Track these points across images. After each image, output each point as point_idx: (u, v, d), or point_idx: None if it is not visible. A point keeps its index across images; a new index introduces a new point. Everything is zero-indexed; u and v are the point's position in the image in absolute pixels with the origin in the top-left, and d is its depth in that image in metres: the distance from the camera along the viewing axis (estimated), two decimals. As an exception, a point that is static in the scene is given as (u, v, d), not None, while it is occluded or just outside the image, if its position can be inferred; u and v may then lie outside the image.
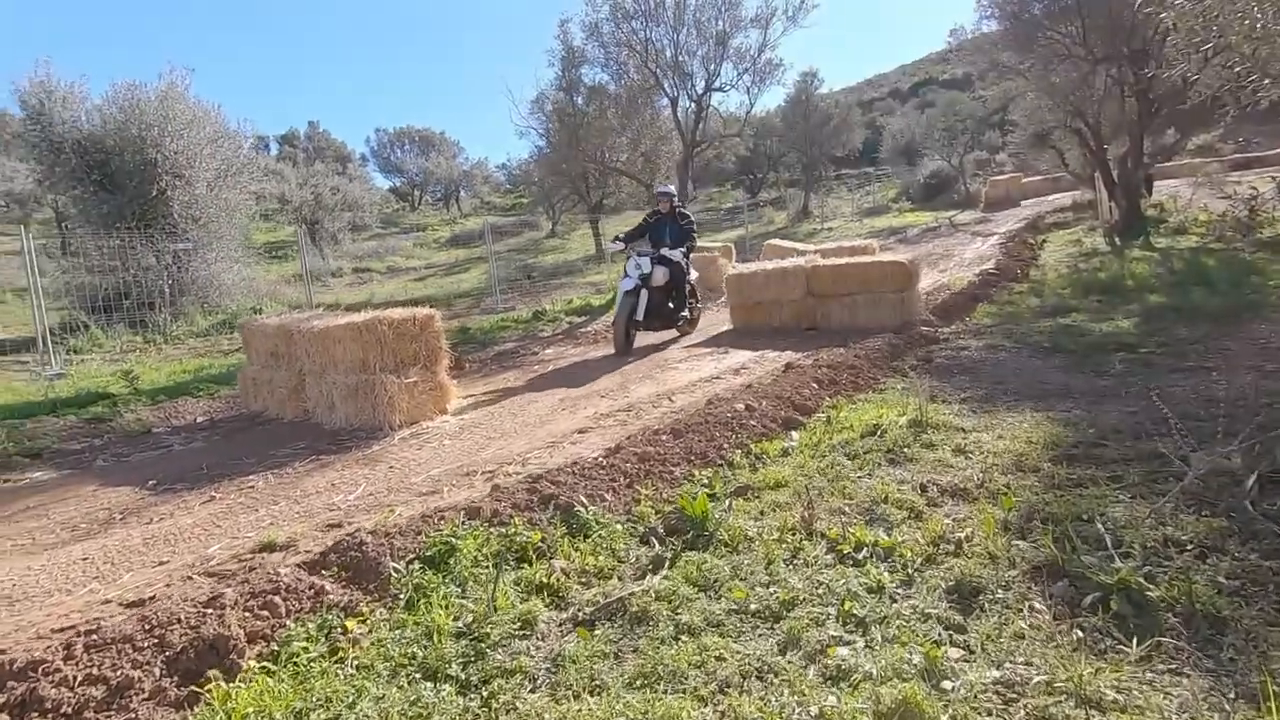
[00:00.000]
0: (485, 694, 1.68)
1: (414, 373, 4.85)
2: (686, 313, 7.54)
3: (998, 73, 15.36)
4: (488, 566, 2.21)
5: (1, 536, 3.18)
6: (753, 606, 1.97)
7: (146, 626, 1.79)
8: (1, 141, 25.59)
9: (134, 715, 1.57)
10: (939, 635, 1.78)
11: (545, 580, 2.14)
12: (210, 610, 1.84)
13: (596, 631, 1.92)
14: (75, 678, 1.65)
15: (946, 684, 1.59)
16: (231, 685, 1.70)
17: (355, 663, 1.79)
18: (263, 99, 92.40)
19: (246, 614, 1.84)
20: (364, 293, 18.95)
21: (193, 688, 1.68)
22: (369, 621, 1.93)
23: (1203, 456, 2.51)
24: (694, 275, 7.89)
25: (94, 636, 1.80)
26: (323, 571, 2.13)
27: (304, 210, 25.38)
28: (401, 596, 2.05)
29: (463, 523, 2.47)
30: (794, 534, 2.42)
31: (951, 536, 2.26)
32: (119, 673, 1.67)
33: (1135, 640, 1.67)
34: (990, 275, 9.93)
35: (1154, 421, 3.10)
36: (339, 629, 1.89)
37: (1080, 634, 1.74)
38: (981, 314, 7.38)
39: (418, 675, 1.74)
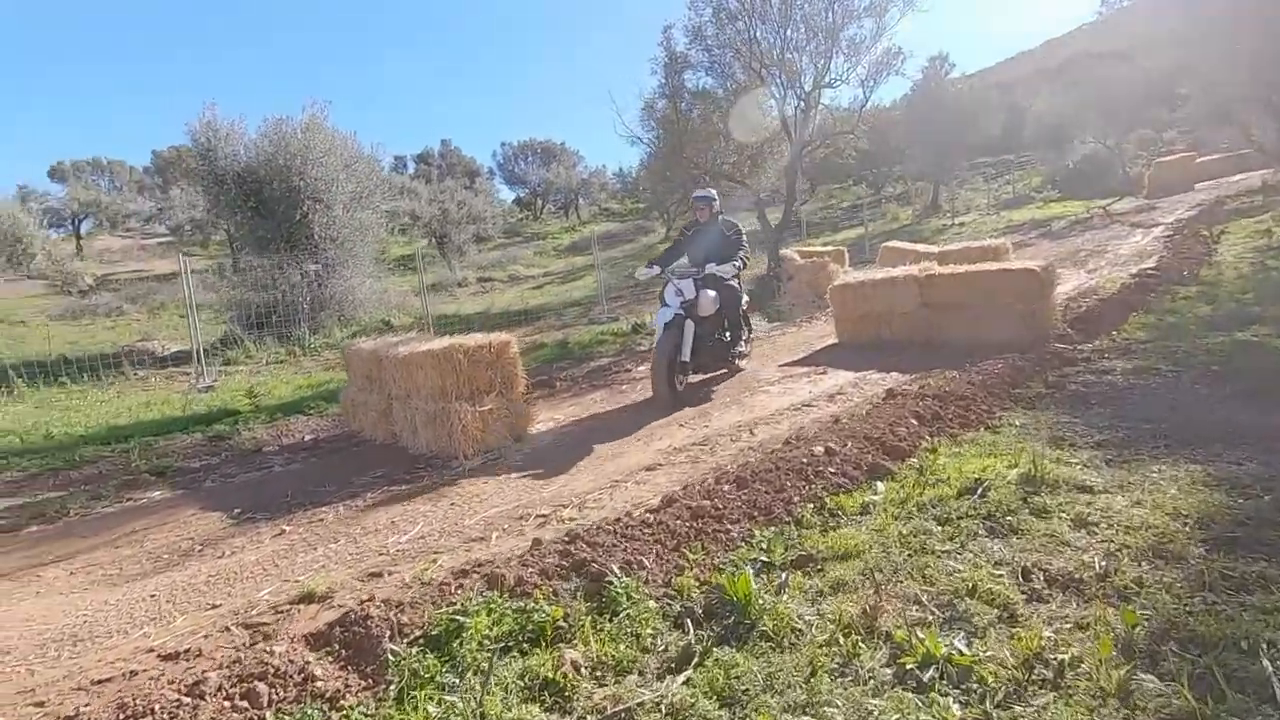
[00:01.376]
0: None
1: (489, 400, 4.81)
2: (744, 346, 6.37)
3: (1167, 41, 13.41)
4: (494, 651, 2.01)
5: (99, 564, 3.41)
6: (781, 735, 1.63)
7: (121, 717, 1.74)
8: (186, 174, 29.20)
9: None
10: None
11: (551, 676, 1.91)
12: (188, 699, 1.77)
13: (595, 749, 1.66)
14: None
15: None
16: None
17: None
18: (404, 121, 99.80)
19: (226, 704, 1.75)
20: (484, 301, 19.80)
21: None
22: (351, 718, 1.79)
23: None
24: (745, 298, 6.58)
25: None
26: (325, 648, 2.03)
27: (433, 225, 26.98)
28: (394, 685, 1.89)
29: (481, 592, 2.29)
30: (852, 632, 2.03)
31: (1051, 657, 1.79)
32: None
33: None
34: (1149, 276, 8.60)
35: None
36: (319, 724, 1.76)
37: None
38: (1134, 326, 6.34)
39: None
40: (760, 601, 2.21)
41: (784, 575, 2.44)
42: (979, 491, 2.91)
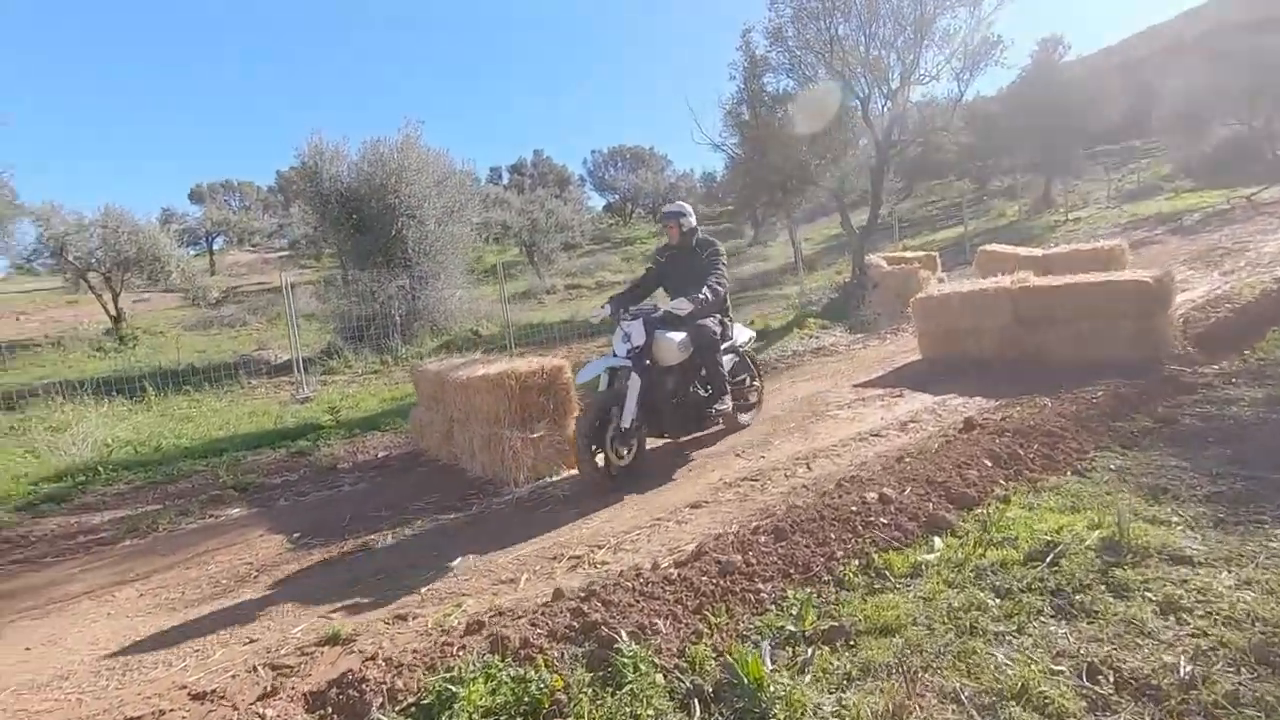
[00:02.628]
0: None
1: (541, 426, 4.78)
2: (726, 401, 4.81)
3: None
4: (483, 727, 1.93)
5: (166, 586, 3.63)
6: None
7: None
8: (299, 193, 31.52)
9: None
10: None
11: (536, 760, 1.80)
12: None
13: None
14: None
15: None
16: None
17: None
18: (500, 133, 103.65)
19: (208, 772, 1.76)
20: (569, 309, 20.12)
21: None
22: (326, 796, 1.75)
23: None
24: (744, 336, 5.47)
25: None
26: (319, 710, 2.02)
27: (522, 234, 27.74)
28: (377, 760, 1.84)
29: (482, 654, 2.22)
30: (871, 734, 1.80)
31: (1105, 796, 1.49)
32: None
33: None
34: (1298, 283, 7.51)
35: None
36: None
37: None
38: (1273, 344, 5.52)
39: None
40: (774, 686, 2.00)
41: (810, 651, 2.22)
42: (1050, 558, 2.56)
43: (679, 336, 4.59)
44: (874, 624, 2.33)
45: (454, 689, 2.03)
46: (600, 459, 4.30)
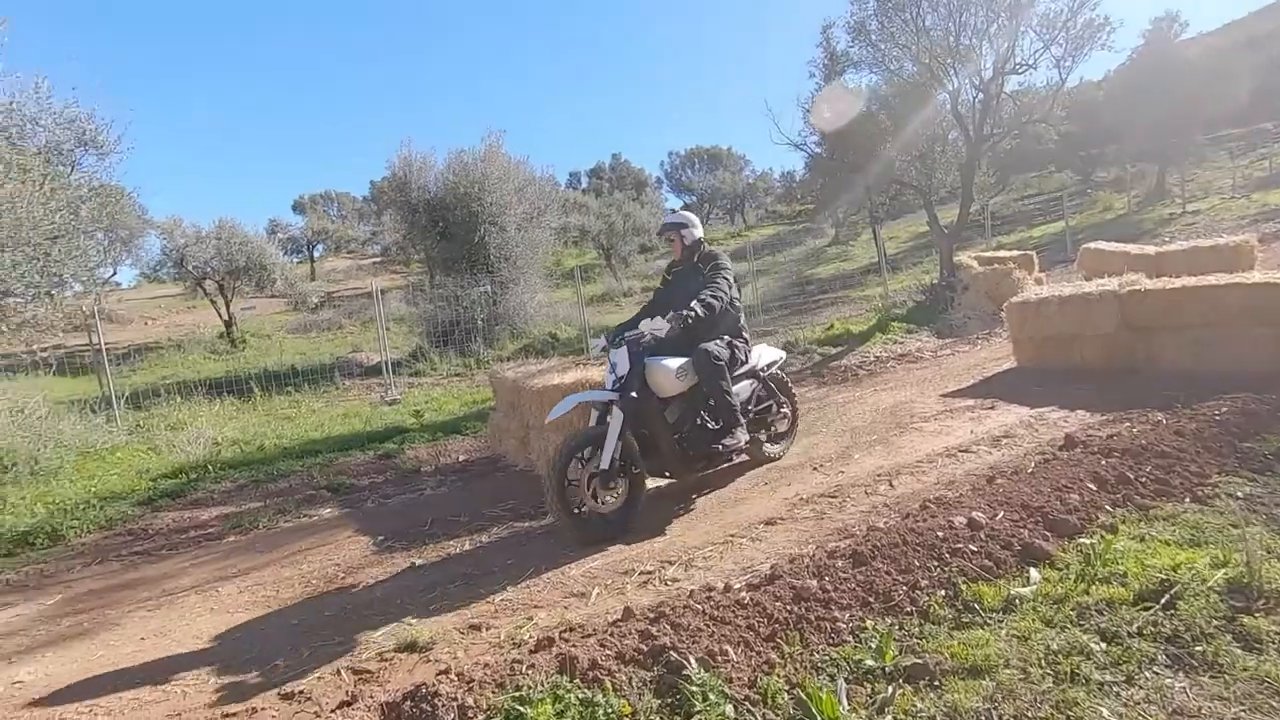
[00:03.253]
0: None
1: (615, 436, 4.78)
2: (739, 434, 4.21)
3: None
4: (550, 750, 1.92)
5: (264, 584, 3.85)
6: None
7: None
8: (390, 203, 33.07)
9: None
10: None
11: (601, 790, 1.78)
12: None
13: None
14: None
15: None
16: None
17: None
18: (581, 138, 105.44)
19: (289, 779, 1.83)
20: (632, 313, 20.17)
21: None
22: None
23: None
24: (768, 357, 4.87)
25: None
26: (393, 722, 2.07)
27: (600, 238, 28.10)
28: (446, 778, 1.87)
29: (550, 674, 2.22)
30: (957, 789, 1.67)
31: None
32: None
33: None
34: None
35: None
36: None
37: None
38: None
39: None
40: (850, 728, 1.90)
41: (890, 690, 2.10)
42: (1165, 599, 2.32)
43: (676, 363, 4.10)
44: (961, 663, 2.18)
45: (522, 709, 2.04)
46: (562, 508, 3.71)
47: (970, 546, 2.85)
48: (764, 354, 4.85)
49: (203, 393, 10.40)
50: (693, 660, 2.23)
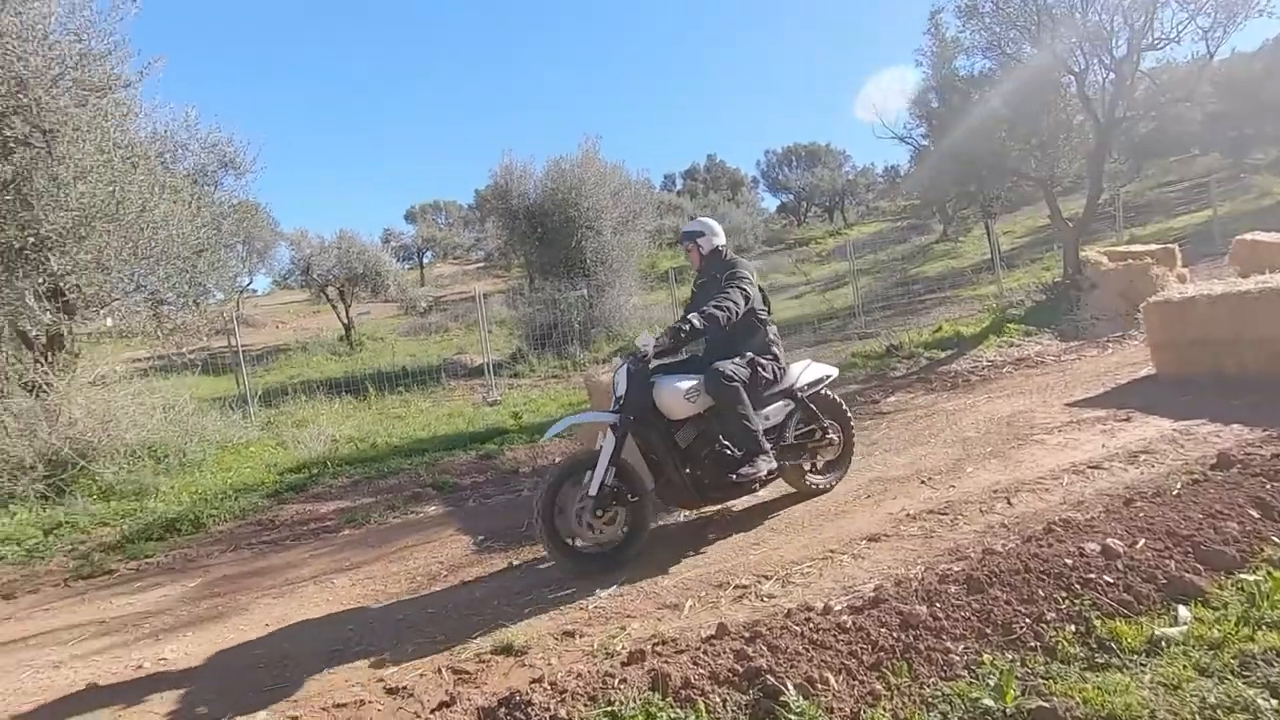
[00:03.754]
0: None
1: (709, 443, 4.70)
2: (761, 463, 3.75)
3: None
4: (642, 770, 1.88)
5: (373, 578, 4.05)
6: None
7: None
8: (492, 210, 34.40)
9: None
10: None
11: (693, 818, 1.71)
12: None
13: None
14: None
15: None
16: None
17: None
18: (676, 140, 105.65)
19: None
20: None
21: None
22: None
23: None
24: (811, 375, 4.28)
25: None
26: (486, 730, 2.10)
27: (694, 239, 27.98)
28: (538, 790, 1.86)
29: (642, 691, 2.18)
30: None
31: None
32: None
33: None
34: None
35: None
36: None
37: None
38: None
39: None
40: (967, 775, 1.74)
41: (1013, 735, 1.91)
42: (1354, 653, 1.99)
43: (687, 383, 3.75)
44: (1096, 710, 1.95)
45: (614, 726, 2.01)
46: (550, 539, 3.51)
47: (1105, 577, 2.57)
48: (806, 372, 4.28)
49: (324, 392, 11.18)
50: (791, 686, 2.13)
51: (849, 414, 4.48)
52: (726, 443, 3.74)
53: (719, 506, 4.19)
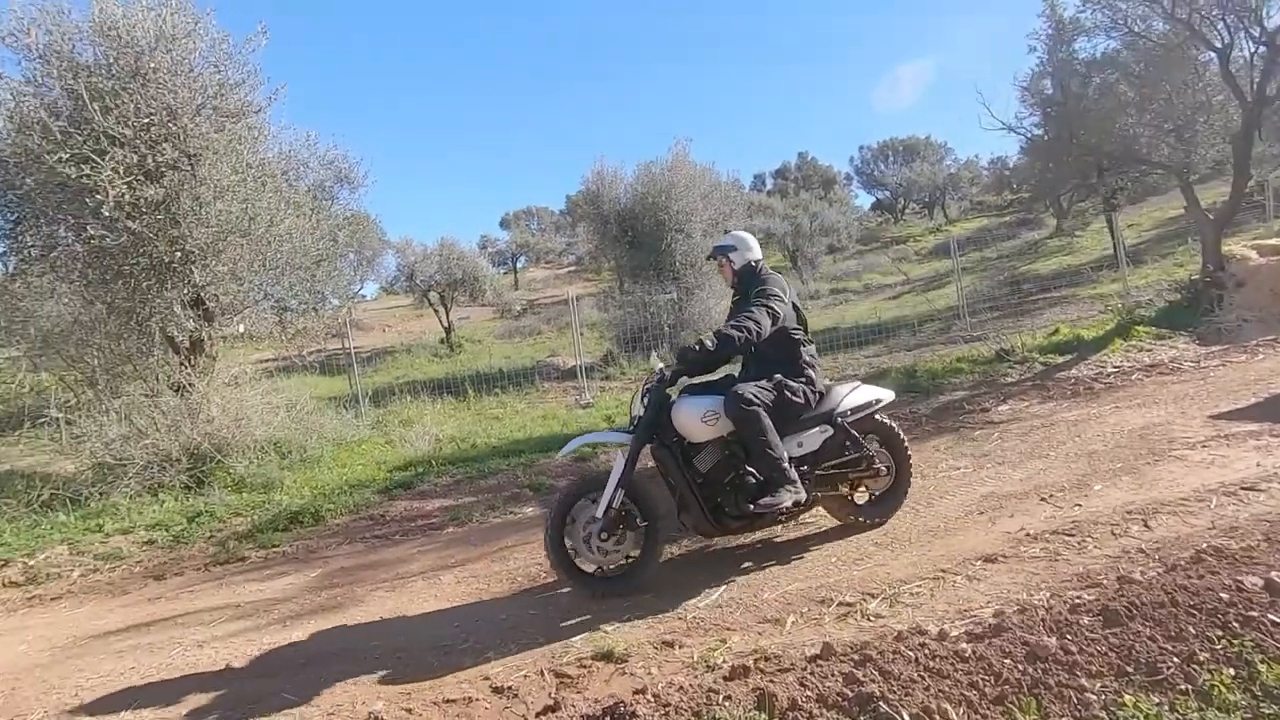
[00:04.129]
0: None
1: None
2: (786, 493, 3.46)
3: None
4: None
5: (476, 576, 4.18)
6: None
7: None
8: (583, 215, 35.07)
9: None
10: None
11: None
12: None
13: None
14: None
15: None
16: None
17: None
18: (766, 138, 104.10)
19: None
20: (834, 316, 19.37)
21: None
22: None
23: None
24: (858, 399, 3.89)
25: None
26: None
27: (785, 240, 27.47)
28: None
29: (748, 710, 2.13)
30: None
31: None
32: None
33: None
34: None
35: None
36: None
37: None
38: None
39: None
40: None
41: (1163, 788, 1.73)
42: None
43: (704, 405, 3.58)
44: (1264, 768, 1.74)
45: (720, 744, 1.98)
46: (588, 558, 3.55)
47: (1270, 616, 2.30)
48: (852, 395, 3.89)
49: (427, 392, 11.74)
50: (906, 716, 2.02)
51: (905, 442, 4.07)
52: (750, 469, 3.56)
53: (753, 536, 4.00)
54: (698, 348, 3.53)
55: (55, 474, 7.24)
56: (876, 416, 3.98)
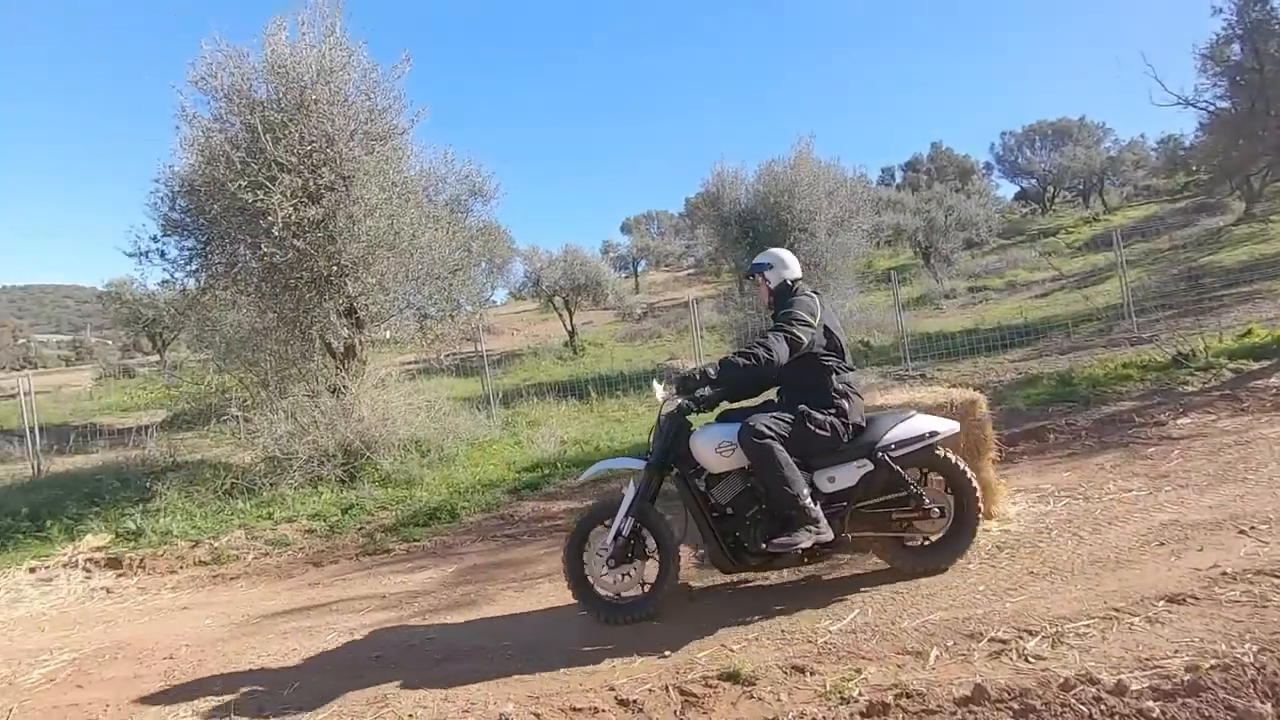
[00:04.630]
0: None
1: (948, 467, 4.23)
2: (804, 534, 3.24)
3: None
4: None
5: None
6: None
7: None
8: (704, 217, 34.96)
9: None
10: None
11: None
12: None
13: None
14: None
15: None
16: None
17: None
18: (894, 130, 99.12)
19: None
20: (973, 316, 18.05)
21: None
22: None
23: None
24: (906, 431, 3.46)
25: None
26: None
27: (917, 236, 25.94)
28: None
29: (891, 755, 1.96)
30: None
31: None
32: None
33: None
34: None
35: None
36: None
37: None
38: None
39: None
40: None
41: None
42: None
43: (720, 436, 3.41)
44: None
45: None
46: (573, 576, 3.59)
47: None
48: (901, 427, 3.48)
49: (552, 394, 12.14)
50: (1081, 782, 1.78)
51: (971, 480, 3.57)
52: (769, 498, 3.34)
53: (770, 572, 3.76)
54: (699, 376, 3.39)
55: (235, 465, 8.16)
56: (939, 452, 3.57)
